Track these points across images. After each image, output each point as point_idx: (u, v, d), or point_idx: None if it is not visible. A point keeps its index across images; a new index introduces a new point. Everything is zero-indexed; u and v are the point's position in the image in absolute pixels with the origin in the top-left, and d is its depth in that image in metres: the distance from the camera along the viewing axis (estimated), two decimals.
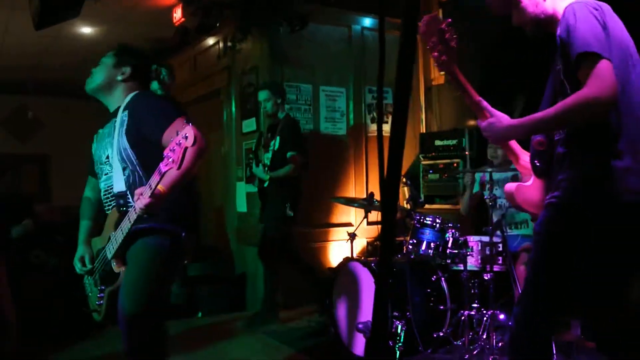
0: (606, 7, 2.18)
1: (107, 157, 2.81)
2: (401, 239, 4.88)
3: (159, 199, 2.45)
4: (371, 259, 4.34)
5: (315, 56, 6.21)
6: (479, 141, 5.39)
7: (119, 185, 2.73)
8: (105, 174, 2.83)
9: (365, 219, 5.01)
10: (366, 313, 4.15)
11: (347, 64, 6.37)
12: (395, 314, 3.98)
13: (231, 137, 6.72)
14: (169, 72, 4.64)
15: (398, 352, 3.89)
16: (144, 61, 3.03)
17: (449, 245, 4.13)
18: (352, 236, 4.64)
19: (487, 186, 4.02)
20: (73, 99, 10.65)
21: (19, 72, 9.32)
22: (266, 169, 5.23)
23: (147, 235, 2.68)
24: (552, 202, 2.20)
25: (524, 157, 2.49)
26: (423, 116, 6.85)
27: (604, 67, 2.01)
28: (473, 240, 4.12)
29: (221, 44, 6.79)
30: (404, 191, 5.67)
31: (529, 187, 2.45)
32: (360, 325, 4.02)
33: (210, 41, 7.01)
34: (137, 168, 2.71)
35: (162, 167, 2.34)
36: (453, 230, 4.16)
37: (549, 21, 2.31)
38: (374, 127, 6.58)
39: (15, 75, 9.52)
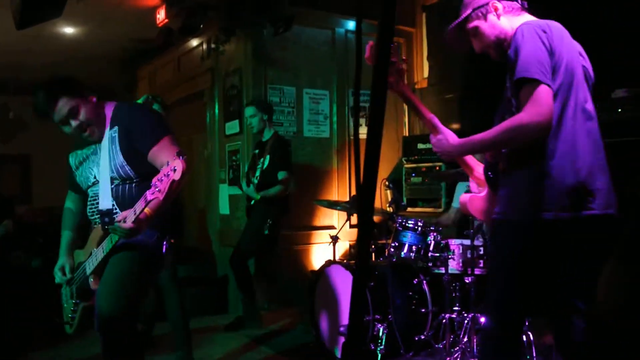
0: (556, 28, 2.26)
1: (94, 177, 2.84)
2: (383, 241, 4.90)
3: (142, 224, 2.50)
4: (353, 261, 4.35)
5: (299, 59, 6.21)
6: None
7: (105, 203, 2.75)
8: (93, 192, 2.86)
9: (348, 222, 5.01)
10: (348, 316, 4.15)
11: (330, 66, 6.38)
12: (377, 316, 3.99)
13: (214, 139, 6.70)
14: (162, 103, 4.61)
15: (379, 355, 3.91)
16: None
17: (431, 248, 4.15)
18: (335, 239, 4.65)
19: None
20: None
21: (1, 71, 9.22)
22: (253, 186, 5.21)
23: (129, 249, 2.71)
24: (494, 217, 2.36)
25: (478, 168, 2.60)
26: (406, 119, 6.89)
27: (541, 94, 2.11)
28: (454, 243, 4.14)
29: (205, 46, 6.77)
30: (387, 194, 5.69)
31: (482, 198, 2.56)
32: (342, 329, 4.03)
33: (194, 42, 6.99)
34: (135, 181, 2.76)
35: (149, 195, 2.38)
36: (435, 234, 4.18)
37: (507, 40, 2.37)
38: (362, 130, 6.58)
39: None
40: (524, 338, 3.86)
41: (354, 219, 5.06)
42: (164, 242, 2.83)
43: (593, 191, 2.20)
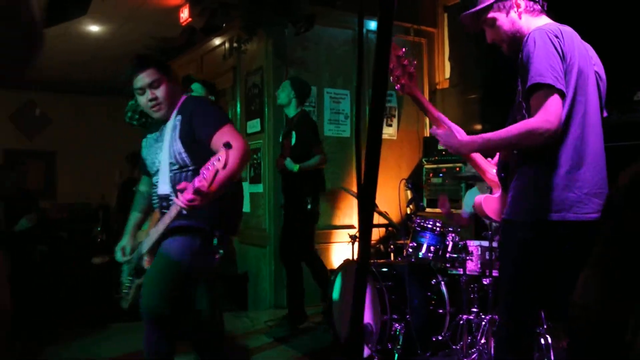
0: (567, 33, 2.27)
1: (158, 163, 2.97)
2: (401, 242, 4.90)
3: (202, 197, 2.51)
4: (372, 261, 4.36)
5: (320, 58, 6.23)
6: None
7: (164, 188, 2.89)
8: (155, 178, 3.00)
9: None
10: (365, 315, 4.16)
11: (351, 66, 6.38)
12: (395, 316, 3.99)
13: None
14: (212, 88, 4.70)
15: (396, 355, 3.91)
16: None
17: (449, 249, 4.14)
18: (354, 238, 4.66)
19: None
20: (80, 96, 10.76)
21: (27, 69, 9.38)
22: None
23: (181, 233, 2.81)
24: (503, 217, 2.38)
25: (491, 170, 2.63)
26: (427, 120, 6.87)
27: (553, 101, 2.13)
28: (473, 244, 4.13)
29: (227, 45, 6.82)
30: (406, 194, 5.70)
31: (496, 199, 2.58)
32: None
33: (217, 41, 7.04)
34: (191, 169, 2.85)
35: (196, 182, 2.48)
36: (453, 235, 4.17)
37: (522, 39, 2.36)
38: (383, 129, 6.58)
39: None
40: (542, 341, 3.85)
41: (374, 219, 5.05)
42: (216, 234, 2.88)
43: (597, 195, 2.23)
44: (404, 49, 2.48)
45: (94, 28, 7.60)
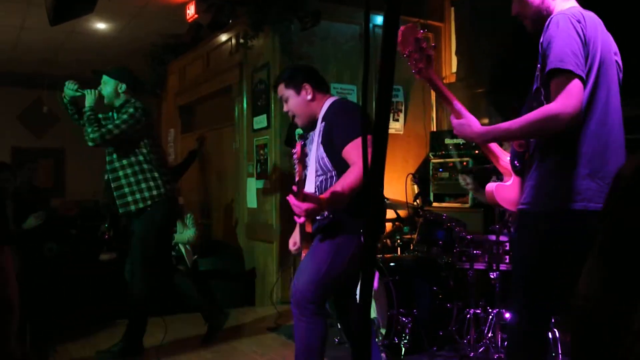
0: (591, 18, 2.24)
1: (308, 161, 3.07)
2: (409, 236, 4.90)
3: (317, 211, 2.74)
4: (379, 256, 4.36)
5: (326, 53, 6.23)
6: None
7: (309, 188, 2.97)
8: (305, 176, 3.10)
9: None
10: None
11: (358, 61, 6.37)
12: (402, 310, 4.00)
13: (242, 133, 6.76)
14: None
15: (403, 349, 3.92)
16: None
17: (456, 243, 4.14)
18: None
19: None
20: None
21: (35, 66, 9.43)
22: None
23: (333, 231, 2.90)
24: (520, 207, 2.34)
25: (505, 157, 2.59)
26: (434, 114, 6.86)
27: (574, 85, 2.09)
28: (481, 239, 4.13)
29: (233, 41, 6.82)
30: (413, 189, 5.69)
31: (509, 187, 2.54)
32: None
33: (223, 38, 7.05)
34: (334, 175, 2.92)
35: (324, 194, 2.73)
36: (460, 229, 4.17)
37: (547, 18, 2.32)
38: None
39: (31, 70, 9.64)
40: (550, 335, 3.85)
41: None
42: (354, 240, 2.92)
43: None
44: (422, 31, 2.42)
45: (101, 26, 7.62)
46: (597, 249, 1.31)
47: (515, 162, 2.48)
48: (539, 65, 2.29)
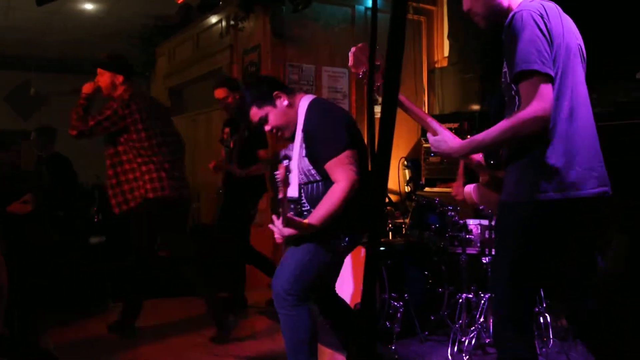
0: (552, 9, 2.21)
1: (289, 163, 3.00)
2: (400, 221, 4.89)
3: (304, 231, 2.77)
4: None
5: (318, 36, 6.17)
6: (482, 125, 5.37)
7: (292, 191, 2.92)
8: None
9: None
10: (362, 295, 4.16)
11: (350, 44, 6.21)
12: (393, 295, 3.99)
13: None
14: None
15: (395, 334, 3.91)
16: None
17: (449, 228, 4.13)
18: None
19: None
20: (76, 76, 10.64)
21: (22, 48, 9.30)
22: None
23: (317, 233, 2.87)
24: (501, 199, 2.33)
25: (477, 157, 2.57)
26: (425, 99, 6.83)
27: (543, 87, 2.08)
28: (472, 223, 4.12)
29: (224, 23, 6.75)
30: (405, 173, 5.67)
31: (485, 186, 2.52)
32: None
33: (213, 19, 6.97)
34: (320, 181, 2.88)
35: (309, 219, 2.75)
36: (452, 213, 4.16)
37: (502, 14, 2.31)
38: (377, 108, 6.54)
39: (18, 52, 9.50)
40: (541, 320, 3.86)
41: None
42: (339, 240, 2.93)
43: (594, 168, 2.20)
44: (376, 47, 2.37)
45: (88, 6, 7.51)
46: (622, 228, 1.30)
47: (490, 160, 2.49)
48: (505, 62, 2.26)
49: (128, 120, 4.03)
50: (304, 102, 2.97)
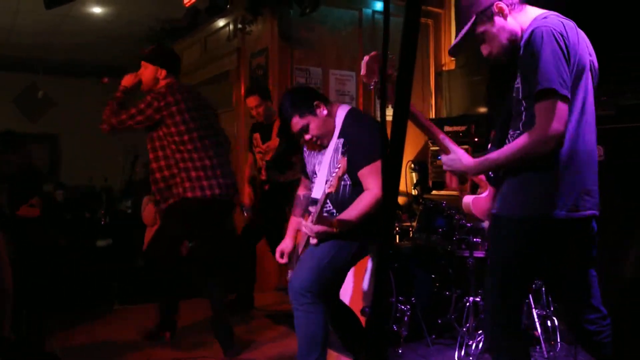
0: (571, 28, 2.19)
1: (315, 169, 3.11)
2: (407, 224, 4.89)
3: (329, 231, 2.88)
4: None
5: (325, 39, 6.17)
6: (488, 128, 5.36)
7: (317, 193, 3.01)
8: (313, 181, 3.15)
9: None
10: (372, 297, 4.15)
11: (357, 47, 6.32)
12: (400, 298, 3.99)
13: (240, 119, 6.71)
14: None
15: (402, 336, 3.91)
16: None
17: (456, 231, 4.13)
18: None
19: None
20: (83, 79, 10.70)
21: (30, 51, 9.34)
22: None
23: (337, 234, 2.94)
24: (492, 212, 2.34)
25: None
26: (433, 102, 6.83)
27: (560, 108, 2.07)
28: (480, 226, 4.11)
29: (231, 26, 6.76)
30: (412, 177, 5.67)
31: (485, 198, 2.53)
32: (367, 309, 4.03)
33: (221, 23, 6.98)
34: (348, 183, 2.98)
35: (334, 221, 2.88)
36: (460, 216, 4.15)
37: (518, 39, 2.29)
38: (388, 111, 6.53)
39: (26, 54, 9.55)
40: (549, 323, 3.85)
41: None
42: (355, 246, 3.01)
43: (590, 192, 2.22)
44: (392, 56, 2.24)
45: (97, 9, 7.54)
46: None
47: (490, 173, 2.48)
48: (519, 76, 2.24)
49: (164, 112, 3.72)
50: (341, 112, 3.06)
